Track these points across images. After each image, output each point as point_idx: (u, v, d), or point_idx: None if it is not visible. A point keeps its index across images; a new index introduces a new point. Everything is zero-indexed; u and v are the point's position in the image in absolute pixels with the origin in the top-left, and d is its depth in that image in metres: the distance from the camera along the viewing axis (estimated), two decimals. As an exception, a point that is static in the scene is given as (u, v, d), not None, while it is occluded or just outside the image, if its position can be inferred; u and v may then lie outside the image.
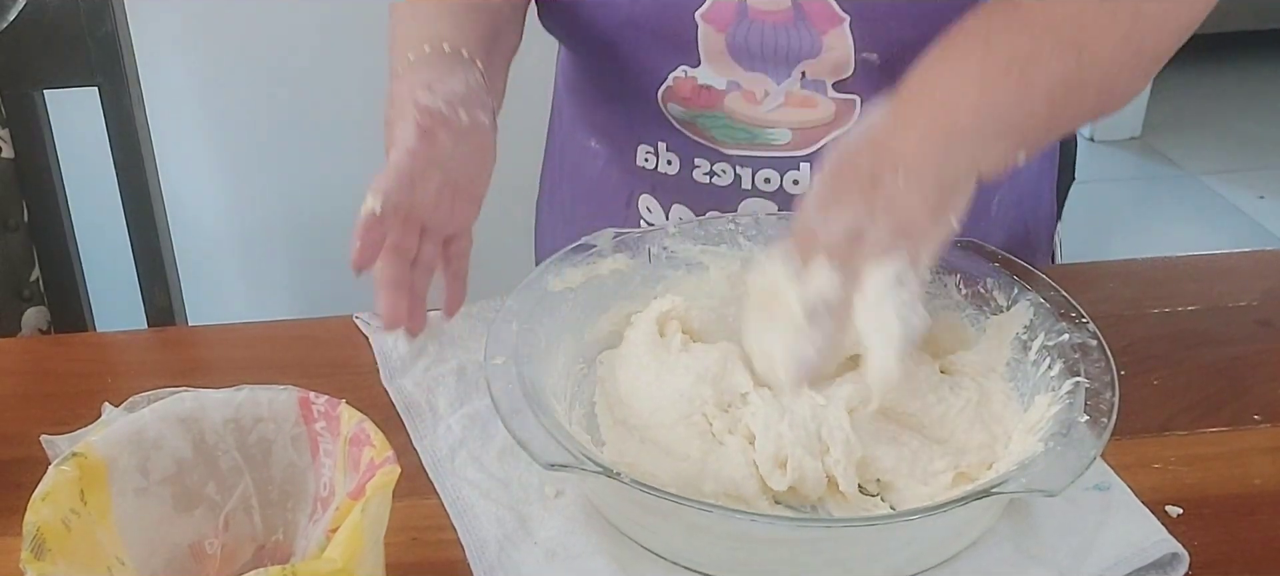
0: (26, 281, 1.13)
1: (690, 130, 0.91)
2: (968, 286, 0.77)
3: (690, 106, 0.89)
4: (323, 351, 0.85)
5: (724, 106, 0.87)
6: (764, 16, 0.82)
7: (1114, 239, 2.95)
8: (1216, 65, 3.75)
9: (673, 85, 0.88)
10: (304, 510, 0.60)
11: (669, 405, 0.70)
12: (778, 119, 0.87)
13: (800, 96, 0.86)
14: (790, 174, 0.90)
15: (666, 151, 0.92)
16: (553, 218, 1.10)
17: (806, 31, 0.82)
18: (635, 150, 0.94)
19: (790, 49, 0.83)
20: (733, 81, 0.86)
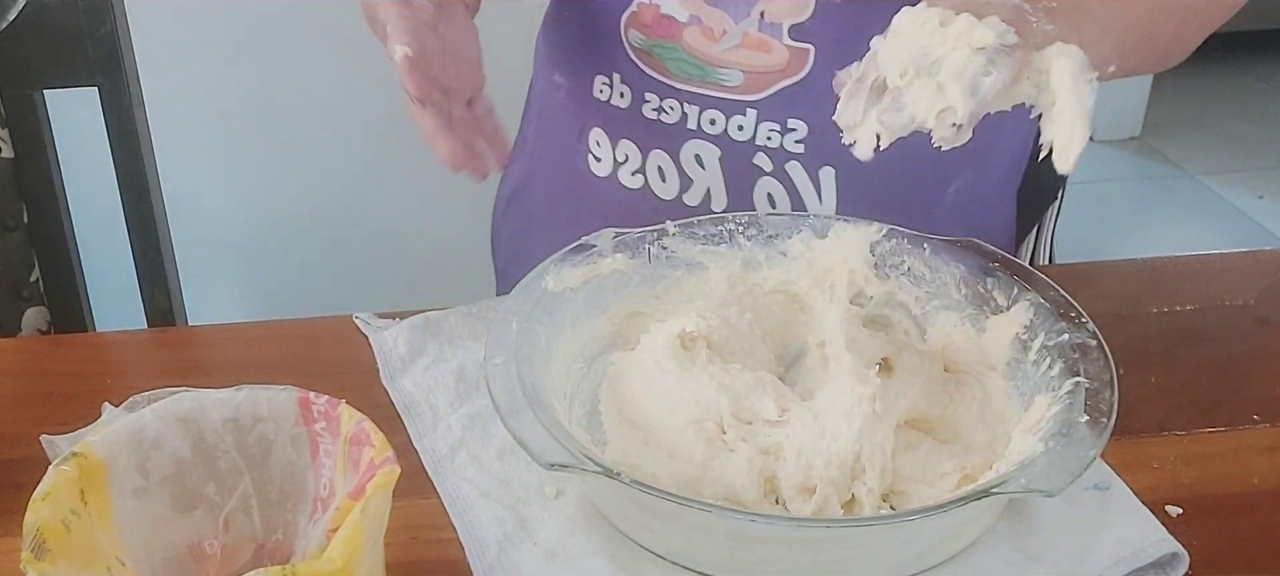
0: (26, 281, 1.13)
1: (646, 61, 0.92)
2: (968, 286, 0.77)
3: (650, 35, 0.90)
4: (322, 351, 0.85)
5: (682, 39, 0.89)
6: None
7: (1113, 238, 2.95)
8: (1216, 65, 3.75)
9: (637, 11, 0.90)
10: (304, 510, 0.60)
11: (682, 409, 0.69)
12: (731, 59, 0.88)
13: (756, 39, 0.87)
14: (736, 119, 0.90)
15: (620, 83, 0.94)
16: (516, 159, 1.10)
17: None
18: (592, 81, 0.96)
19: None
20: (694, 15, 0.88)
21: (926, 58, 0.61)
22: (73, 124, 1.18)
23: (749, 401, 0.69)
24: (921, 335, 0.79)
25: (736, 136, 0.91)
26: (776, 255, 0.82)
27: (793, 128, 0.89)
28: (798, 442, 0.66)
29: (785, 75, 0.88)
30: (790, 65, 0.87)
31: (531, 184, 1.07)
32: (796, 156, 0.91)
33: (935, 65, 0.61)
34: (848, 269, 0.80)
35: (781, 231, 0.82)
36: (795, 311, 0.81)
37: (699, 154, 0.92)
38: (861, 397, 0.66)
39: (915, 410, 0.69)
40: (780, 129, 0.90)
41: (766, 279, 0.82)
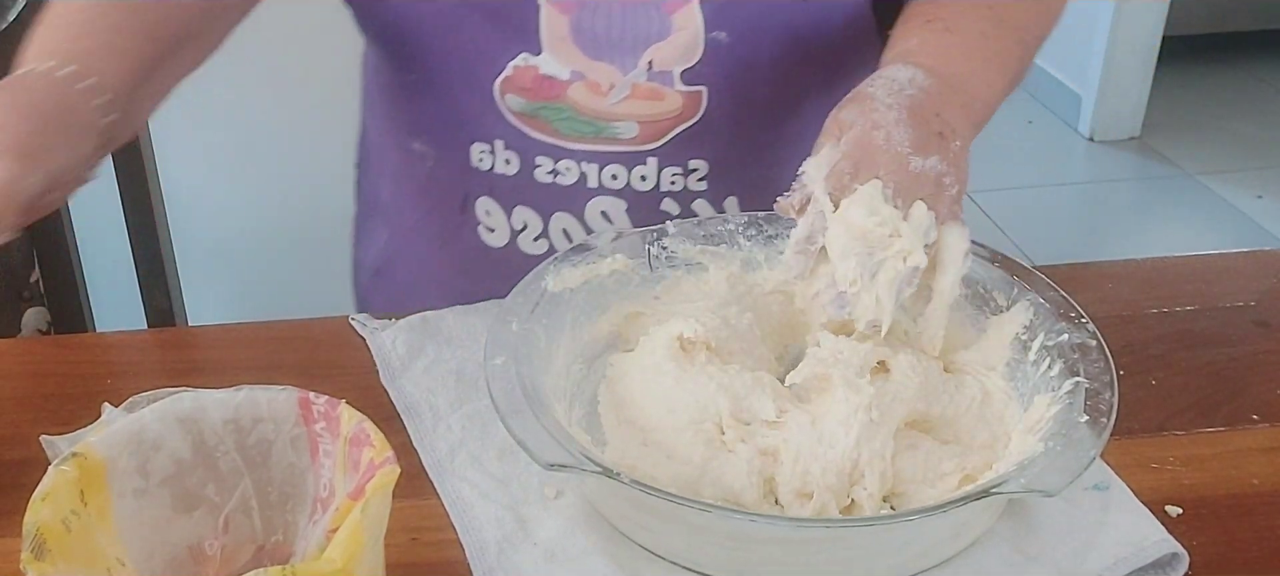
0: (26, 282, 1.13)
1: (531, 125, 0.87)
2: (968, 286, 0.77)
3: (532, 97, 0.85)
4: (322, 352, 0.85)
5: (568, 98, 0.84)
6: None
7: (1112, 239, 2.95)
8: (1215, 66, 3.76)
9: (512, 75, 0.84)
10: (304, 511, 0.60)
11: (681, 409, 0.69)
12: (624, 111, 0.84)
13: (647, 88, 0.83)
14: (638, 170, 0.88)
15: (504, 150, 0.88)
16: (375, 228, 1.06)
17: (655, 11, 0.80)
18: (468, 150, 0.90)
19: (638, 32, 0.81)
20: (577, 71, 0.83)
21: (872, 261, 0.67)
22: (72, 124, 1.18)
23: (748, 402, 0.69)
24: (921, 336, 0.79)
25: (640, 187, 0.89)
26: (776, 255, 0.82)
27: (695, 168, 0.88)
28: (795, 448, 0.66)
29: (681, 120, 0.85)
30: (685, 110, 0.85)
31: (403, 256, 1.02)
32: (701, 193, 0.90)
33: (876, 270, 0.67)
34: (847, 269, 0.80)
35: (781, 231, 0.82)
36: (795, 311, 0.81)
37: (605, 210, 0.90)
38: (857, 406, 0.66)
39: (914, 412, 0.69)
40: (683, 171, 0.89)
41: (766, 279, 0.82)
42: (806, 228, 0.69)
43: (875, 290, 0.67)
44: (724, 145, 0.87)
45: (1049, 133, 3.50)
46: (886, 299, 0.67)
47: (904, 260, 0.67)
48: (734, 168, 0.89)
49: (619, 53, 0.83)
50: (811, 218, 0.69)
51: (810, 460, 0.65)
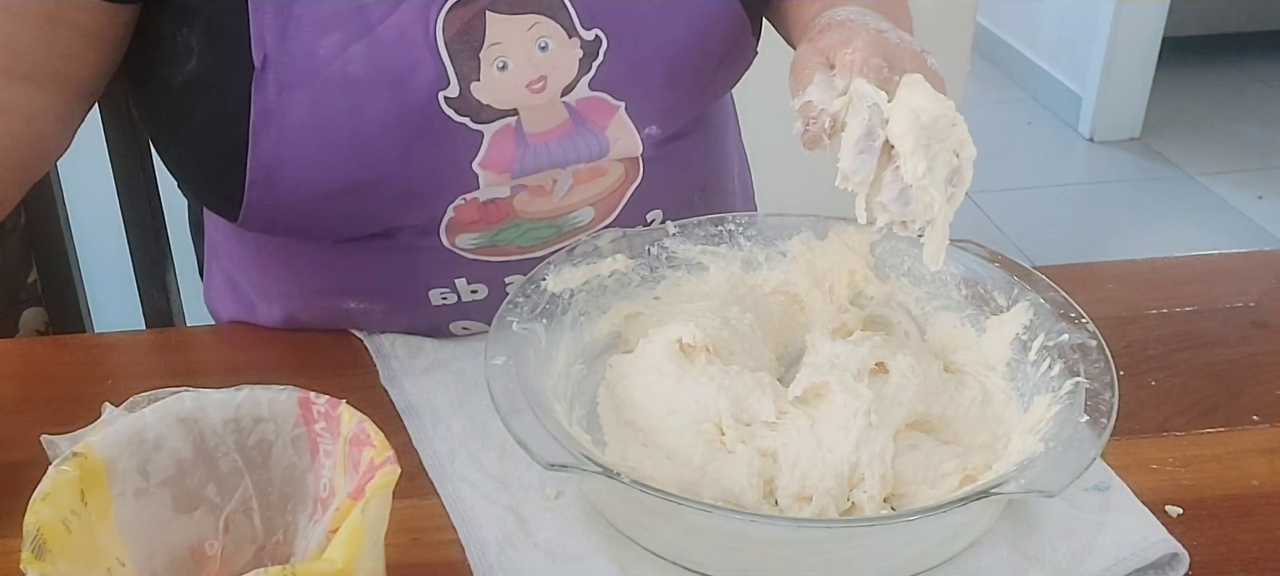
0: (24, 283, 1.13)
1: (490, 253, 0.82)
2: (968, 287, 0.77)
3: (482, 228, 0.81)
4: (322, 352, 0.85)
5: (516, 211, 0.81)
6: (544, 138, 0.78)
7: (1112, 239, 2.95)
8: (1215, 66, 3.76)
9: (455, 216, 0.79)
10: (304, 511, 0.60)
11: (682, 410, 0.69)
12: (574, 201, 0.82)
13: (588, 171, 0.81)
14: None
15: (469, 284, 0.83)
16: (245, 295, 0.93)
17: (588, 133, 0.79)
18: (426, 295, 0.83)
19: (579, 155, 0.80)
20: (516, 184, 0.80)
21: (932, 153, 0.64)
22: (72, 124, 1.18)
23: (748, 402, 0.69)
24: (922, 335, 0.79)
25: None
26: (776, 255, 0.82)
27: (652, 217, 0.87)
28: (794, 453, 0.66)
29: (628, 184, 0.84)
30: (628, 175, 0.84)
31: None
32: None
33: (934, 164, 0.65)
34: (847, 269, 0.80)
35: (781, 232, 0.82)
36: (795, 312, 0.81)
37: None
38: (856, 411, 0.66)
39: (914, 413, 0.69)
40: (643, 225, 0.87)
41: (766, 279, 0.82)
42: (863, 124, 0.65)
43: (936, 188, 0.65)
44: (671, 189, 0.87)
45: (1049, 133, 3.50)
46: (941, 196, 0.65)
47: (956, 153, 0.65)
48: (684, 202, 0.90)
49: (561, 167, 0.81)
50: (866, 113, 0.65)
51: (809, 465, 0.65)
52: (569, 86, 0.77)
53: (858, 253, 0.80)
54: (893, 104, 0.65)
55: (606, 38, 0.77)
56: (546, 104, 0.77)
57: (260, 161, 0.74)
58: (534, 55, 0.76)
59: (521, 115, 0.77)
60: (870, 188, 0.67)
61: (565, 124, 0.78)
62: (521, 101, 0.76)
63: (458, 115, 0.75)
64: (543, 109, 0.77)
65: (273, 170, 0.74)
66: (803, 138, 0.67)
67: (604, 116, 0.79)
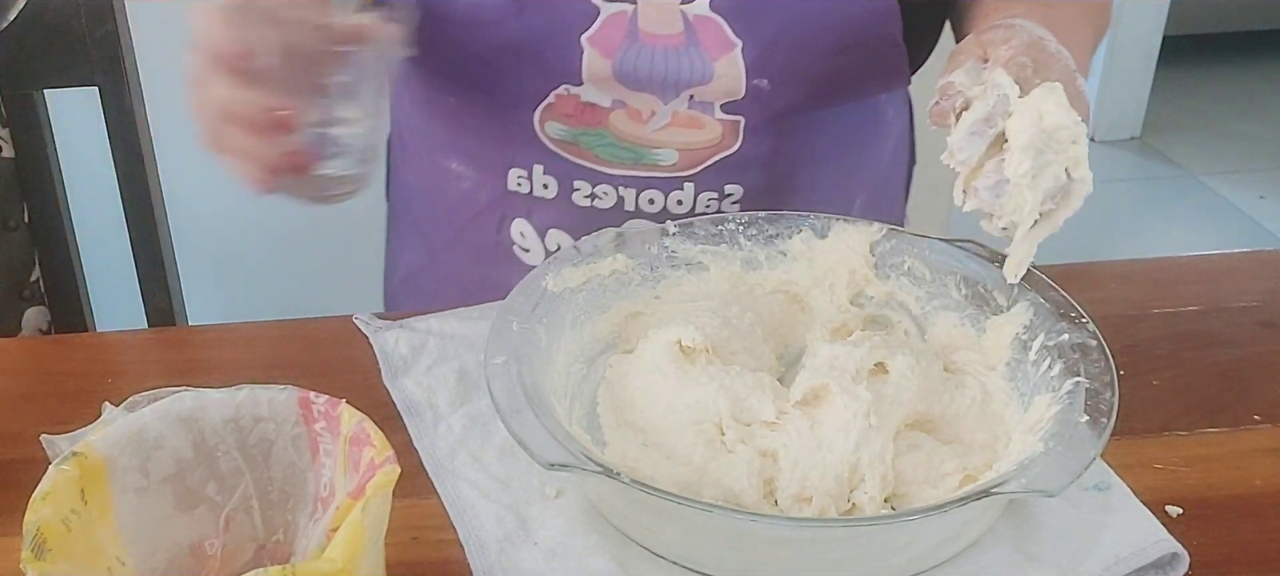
0: (27, 281, 1.13)
1: (570, 151, 0.87)
2: (968, 286, 0.77)
3: (572, 124, 0.85)
4: (323, 351, 0.85)
5: (609, 124, 0.85)
6: (654, 40, 0.80)
7: (1114, 239, 2.95)
8: (1217, 65, 3.75)
9: (554, 103, 0.85)
10: (304, 510, 0.60)
11: (682, 410, 0.69)
12: (664, 139, 0.85)
13: (687, 116, 0.84)
14: (674, 194, 0.89)
15: (543, 175, 0.89)
16: (407, 233, 1.05)
17: (698, 57, 0.80)
18: (506, 174, 0.90)
19: (680, 75, 0.81)
20: (618, 99, 0.84)
21: (1042, 160, 0.65)
22: (73, 124, 1.18)
23: (748, 402, 0.69)
24: (922, 335, 0.79)
25: (676, 210, 0.89)
26: (777, 255, 0.82)
27: (730, 193, 0.89)
28: (794, 453, 0.66)
29: (720, 149, 0.86)
30: (724, 138, 0.86)
31: (435, 267, 1.02)
32: None
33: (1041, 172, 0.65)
34: (848, 269, 0.80)
35: (782, 231, 0.82)
36: (796, 311, 0.81)
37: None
38: (856, 413, 0.66)
39: (913, 414, 0.69)
40: (718, 196, 0.90)
41: (767, 279, 0.82)
42: (987, 109, 0.66)
43: (1034, 194, 0.65)
44: (758, 171, 0.88)
45: (1050, 133, 3.49)
46: (1035, 203, 0.65)
47: (1068, 172, 0.65)
48: (765, 193, 0.90)
49: (661, 89, 0.84)
50: (993, 100, 0.66)
51: (809, 466, 0.65)
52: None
53: (858, 252, 0.80)
54: (1022, 100, 0.65)
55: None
56: (665, 4, 0.78)
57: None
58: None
59: (639, 7, 0.78)
60: (972, 172, 0.68)
61: (678, 36, 0.80)
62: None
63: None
64: (660, 9, 0.78)
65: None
66: (932, 111, 0.68)
67: (719, 46, 0.80)
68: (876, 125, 0.97)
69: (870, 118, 0.96)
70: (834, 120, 0.92)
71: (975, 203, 0.68)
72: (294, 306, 1.07)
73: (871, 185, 0.99)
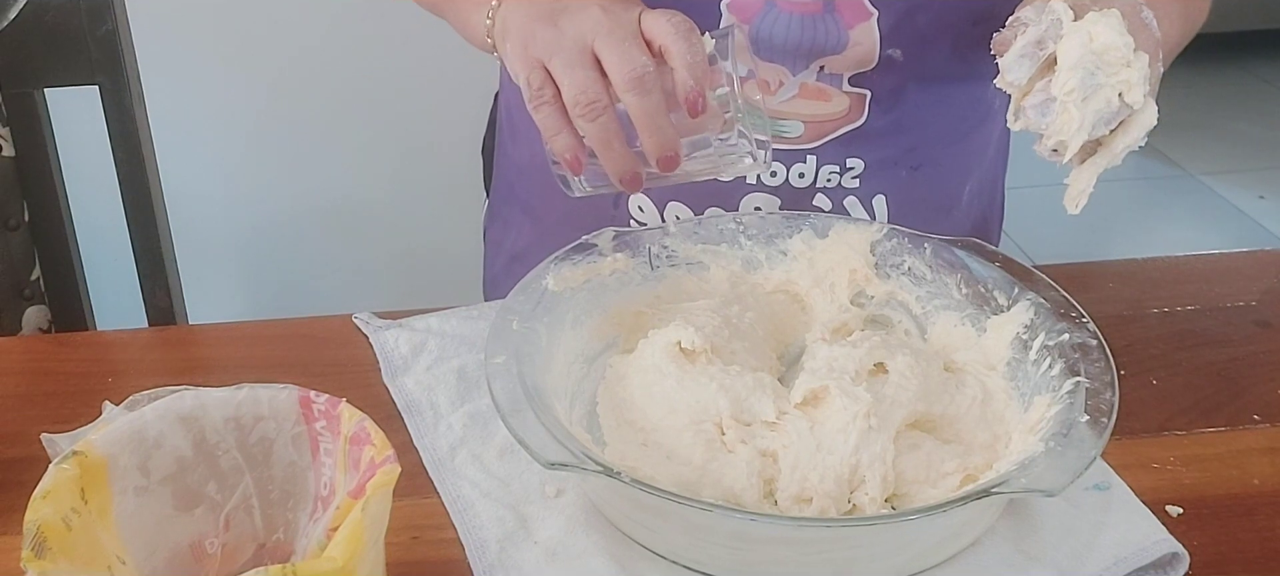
0: (27, 280, 1.13)
1: None
2: (968, 286, 0.77)
3: None
4: (323, 350, 0.85)
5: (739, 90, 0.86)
6: (792, 7, 0.81)
7: (1114, 239, 2.95)
8: (1217, 65, 3.75)
9: None
10: (305, 509, 0.60)
11: (683, 410, 0.69)
12: (791, 110, 0.86)
13: (815, 88, 0.85)
14: (797, 167, 0.89)
15: None
16: (512, 215, 1.05)
17: (834, 24, 0.81)
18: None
19: (815, 42, 0.82)
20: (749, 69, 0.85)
21: (1092, 81, 0.65)
22: (73, 123, 1.18)
23: (748, 402, 0.69)
24: (922, 335, 0.79)
25: (797, 183, 0.89)
26: (777, 254, 0.82)
27: (851, 166, 0.89)
28: (794, 455, 0.66)
29: (845, 122, 0.87)
30: (850, 112, 0.86)
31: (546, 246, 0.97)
32: (852, 191, 0.91)
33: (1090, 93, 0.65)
34: (848, 268, 0.80)
35: (782, 230, 0.82)
36: (796, 311, 0.81)
37: (758, 204, 0.90)
38: (855, 415, 0.66)
39: (913, 414, 0.69)
40: (840, 170, 0.89)
41: (767, 278, 0.82)
42: (1039, 32, 0.67)
43: (1081, 113, 0.65)
44: (882, 146, 0.89)
45: (1050, 132, 3.49)
46: (1087, 122, 0.65)
47: (1121, 95, 0.65)
48: (888, 168, 0.90)
49: (793, 58, 0.84)
50: (1046, 24, 0.66)
51: (809, 467, 0.65)
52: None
53: (858, 252, 0.80)
54: (1074, 23, 0.66)
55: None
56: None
57: None
58: None
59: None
60: (1022, 94, 0.68)
61: (816, 4, 0.80)
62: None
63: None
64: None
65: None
66: (995, 39, 0.69)
67: (856, 14, 0.81)
68: (987, 110, 0.97)
69: (982, 102, 0.96)
70: (952, 100, 0.92)
71: (1024, 122, 0.68)
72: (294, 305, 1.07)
73: (979, 171, 0.99)
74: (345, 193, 1.95)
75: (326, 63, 1.82)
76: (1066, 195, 0.70)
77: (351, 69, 1.82)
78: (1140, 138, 0.67)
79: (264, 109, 1.86)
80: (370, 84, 1.85)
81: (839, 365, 0.69)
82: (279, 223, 1.96)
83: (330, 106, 1.87)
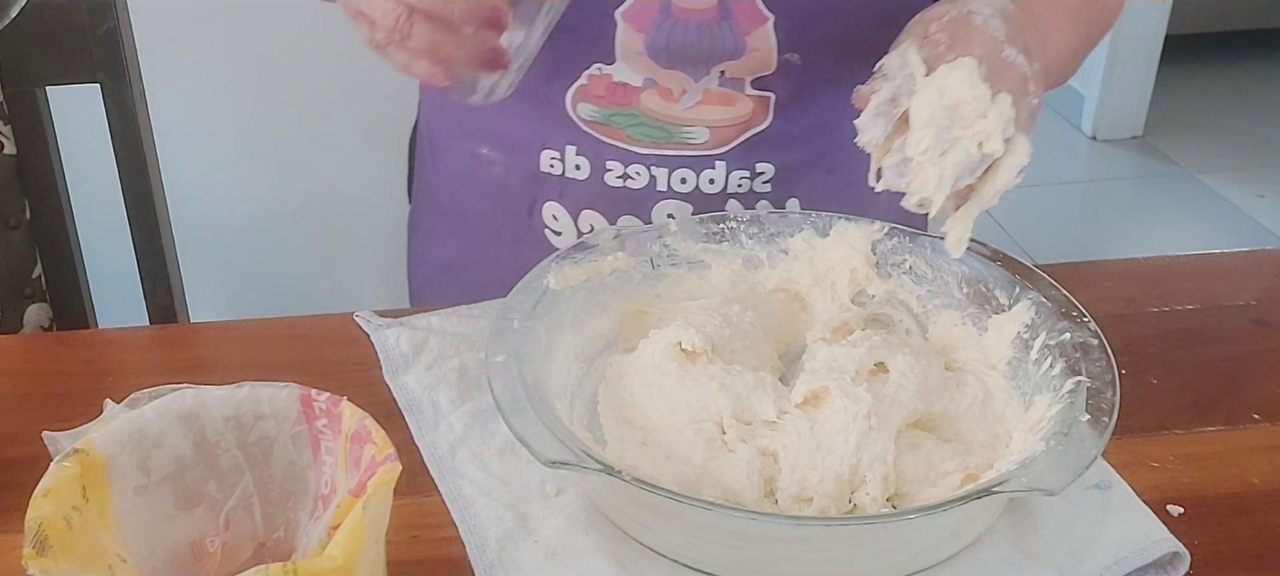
0: (28, 279, 1.13)
1: (602, 131, 0.88)
2: (969, 285, 0.77)
3: (605, 105, 0.86)
4: (324, 349, 0.85)
5: (640, 104, 0.85)
6: (687, 15, 0.80)
7: (1114, 238, 2.95)
8: (1216, 64, 3.75)
9: (586, 84, 0.85)
10: (305, 508, 0.60)
11: (683, 409, 0.69)
12: (695, 117, 0.86)
13: (718, 94, 0.84)
14: (706, 173, 0.88)
15: (576, 156, 0.89)
16: (434, 225, 1.05)
17: (730, 31, 0.81)
18: (538, 156, 0.90)
19: (712, 49, 0.82)
20: (649, 78, 0.84)
21: (947, 136, 0.65)
22: (75, 121, 1.18)
23: (749, 402, 0.69)
24: (923, 334, 0.79)
25: (708, 190, 0.89)
26: (778, 253, 0.82)
27: (761, 171, 0.89)
28: (794, 455, 0.66)
29: (751, 125, 0.87)
30: (755, 115, 0.86)
31: (466, 256, 1.03)
32: (765, 195, 0.91)
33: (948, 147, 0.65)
34: (849, 267, 0.80)
35: (783, 229, 0.82)
36: (797, 310, 0.81)
37: (671, 211, 0.90)
38: (856, 415, 0.66)
39: (914, 413, 0.69)
40: (750, 174, 0.90)
41: (768, 277, 0.82)
42: (892, 89, 0.67)
43: (940, 167, 0.65)
44: (790, 149, 0.89)
45: (1051, 131, 3.50)
46: (947, 177, 0.65)
47: (980, 145, 0.65)
48: (798, 170, 0.91)
49: (692, 65, 0.84)
50: (899, 80, 0.67)
51: (809, 467, 0.65)
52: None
53: (859, 251, 0.80)
54: (926, 78, 0.66)
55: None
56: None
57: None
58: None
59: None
60: (881, 152, 0.68)
61: (711, 10, 0.80)
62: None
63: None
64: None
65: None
66: (854, 94, 0.69)
67: (751, 21, 0.80)
68: None
69: None
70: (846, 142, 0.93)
71: (884, 184, 0.68)
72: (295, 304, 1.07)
73: None
74: (347, 191, 1.95)
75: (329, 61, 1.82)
76: (948, 242, 0.70)
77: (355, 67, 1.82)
78: (1013, 178, 0.67)
79: (266, 107, 1.86)
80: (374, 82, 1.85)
81: (839, 365, 0.69)
82: (280, 221, 1.96)
83: (332, 104, 1.87)
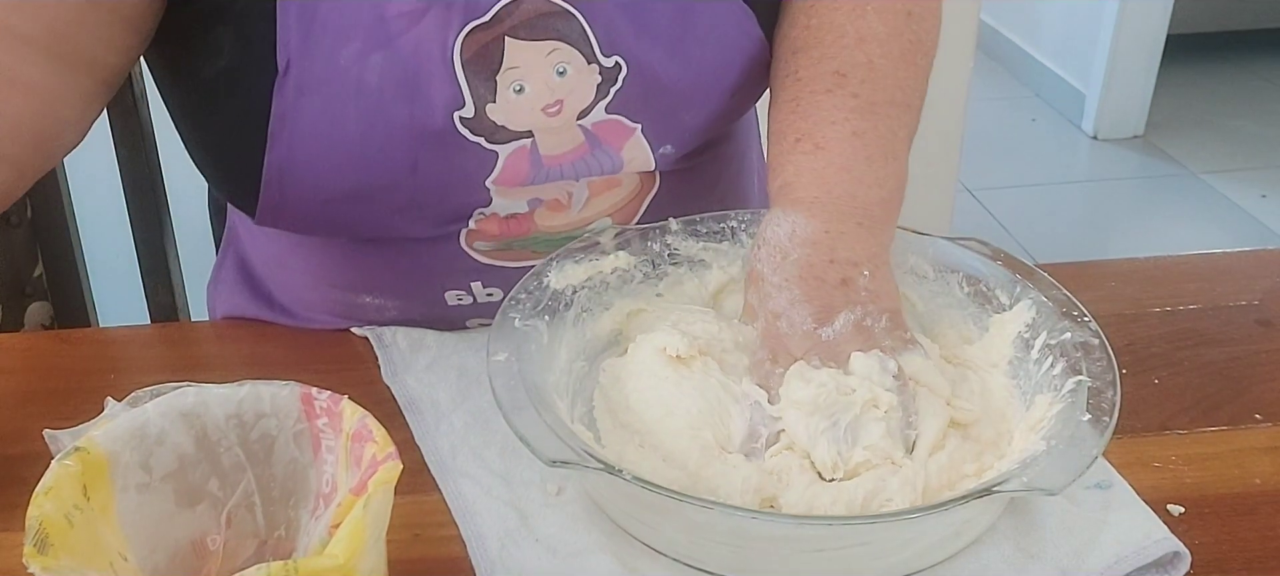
0: (30, 277, 1.13)
1: (506, 257, 0.83)
2: (970, 284, 0.77)
3: (501, 238, 0.82)
4: (325, 348, 0.86)
5: (536, 225, 0.82)
6: (558, 160, 0.78)
7: (1116, 237, 2.95)
8: (1218, 64, 3.75)
9: (475, 228, 0.81)
10: (306, 506, 0.60)
11: (679, 414, 0.69)
12: (593, 213, 0.83)
13: (602, 182, 0.82)
14: None
15: (485, 288, 0.85)
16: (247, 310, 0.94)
17: (604, 153, 0.79)
18: (442, 296, 0.85)
19: (591, 173, 0.80)
20: (533, 199, 0.81)
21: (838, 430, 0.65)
22: (76, 119, 1.18)
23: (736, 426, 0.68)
24: (923, 333, 0.79)
25: None
26: (779, 253, 0.82)
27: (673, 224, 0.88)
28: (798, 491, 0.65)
29: (644, 194, 0.85)
30: (643, 186, 0.85)
31: None
32: None
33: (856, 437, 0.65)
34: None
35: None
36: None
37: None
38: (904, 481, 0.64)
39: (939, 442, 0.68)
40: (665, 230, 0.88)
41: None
42: (745, 427, 0.67)
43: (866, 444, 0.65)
44: (689, 199, 0.87)
45: (1053, 131, 3.50)
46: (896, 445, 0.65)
47: (877, 406, 0.65)
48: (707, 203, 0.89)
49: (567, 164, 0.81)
50: (748, 414, 0.68)
51: (814, 497, 0.64)
52: (585, 110, 0.77)
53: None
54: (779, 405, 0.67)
55: (626, 64, 0.77)
56: (562, 127, 0.77)
57: (274, 163, 0.74)
58: (552, 80, 0.76)
59: (537, 137, 0.77)
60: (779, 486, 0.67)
61: (580, 147, 0.78)
62: (537, 124, 0.76)
63: (472, 134, 0.75)
64: (558, 131, 0.77)
65: (285, 172, 0.74)
66: None
67: (620, 138, 0.79)
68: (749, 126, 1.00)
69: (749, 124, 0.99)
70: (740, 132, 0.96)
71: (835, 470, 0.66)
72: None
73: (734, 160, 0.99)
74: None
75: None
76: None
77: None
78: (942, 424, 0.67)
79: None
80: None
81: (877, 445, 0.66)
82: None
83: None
